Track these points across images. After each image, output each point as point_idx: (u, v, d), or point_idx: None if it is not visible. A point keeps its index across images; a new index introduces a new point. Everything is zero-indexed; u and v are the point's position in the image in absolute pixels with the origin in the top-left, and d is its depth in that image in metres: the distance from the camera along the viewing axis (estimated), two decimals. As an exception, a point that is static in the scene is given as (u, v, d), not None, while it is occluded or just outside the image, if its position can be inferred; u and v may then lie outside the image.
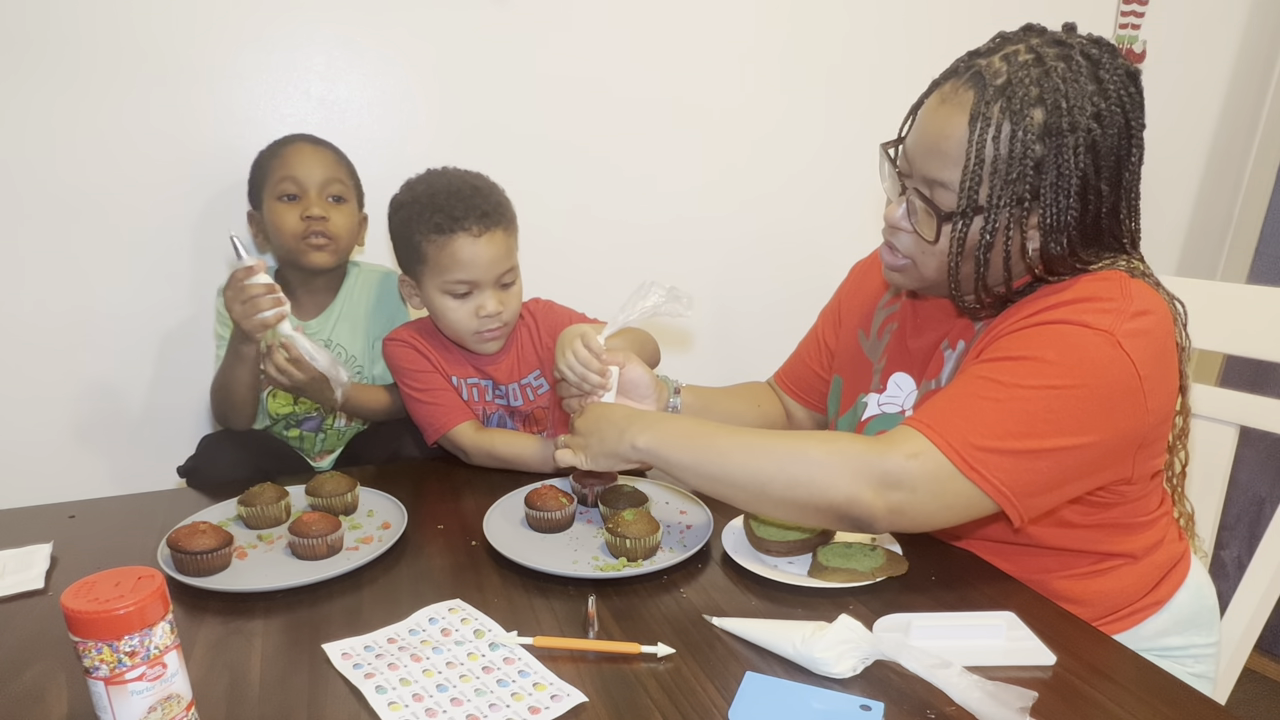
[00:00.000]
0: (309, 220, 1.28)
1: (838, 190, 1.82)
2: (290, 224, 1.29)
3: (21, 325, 1.39)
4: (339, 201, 1.32)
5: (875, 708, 0.66)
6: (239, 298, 1.09)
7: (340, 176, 1.33)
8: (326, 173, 1.31)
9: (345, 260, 1.39)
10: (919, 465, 0.77)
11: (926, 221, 0.85)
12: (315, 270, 1.33)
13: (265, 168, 1.32)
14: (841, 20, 1.73)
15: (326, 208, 1.30)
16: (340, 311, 1.39)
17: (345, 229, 1.33)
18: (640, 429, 0.89)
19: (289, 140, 1.33)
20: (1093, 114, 0.79)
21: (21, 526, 1.01)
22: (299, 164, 1.30)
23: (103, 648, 0.57)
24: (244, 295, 1.08)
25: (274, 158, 1.31)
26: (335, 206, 1.32)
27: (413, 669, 0.72)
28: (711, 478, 0.85)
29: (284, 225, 1.29)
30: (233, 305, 1.10)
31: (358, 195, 1.38)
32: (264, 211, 1.32)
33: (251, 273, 1.07)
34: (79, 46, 1.32)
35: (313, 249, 1.30)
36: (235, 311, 1.10)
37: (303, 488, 1.05)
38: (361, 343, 1.40)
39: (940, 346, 0.96)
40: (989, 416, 0.78)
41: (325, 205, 1.30)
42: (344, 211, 1.33)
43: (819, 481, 0.79)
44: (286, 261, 1.35)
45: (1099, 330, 0.78)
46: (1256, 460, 2.00)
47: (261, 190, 1.32)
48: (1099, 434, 0.79)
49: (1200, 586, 0.98)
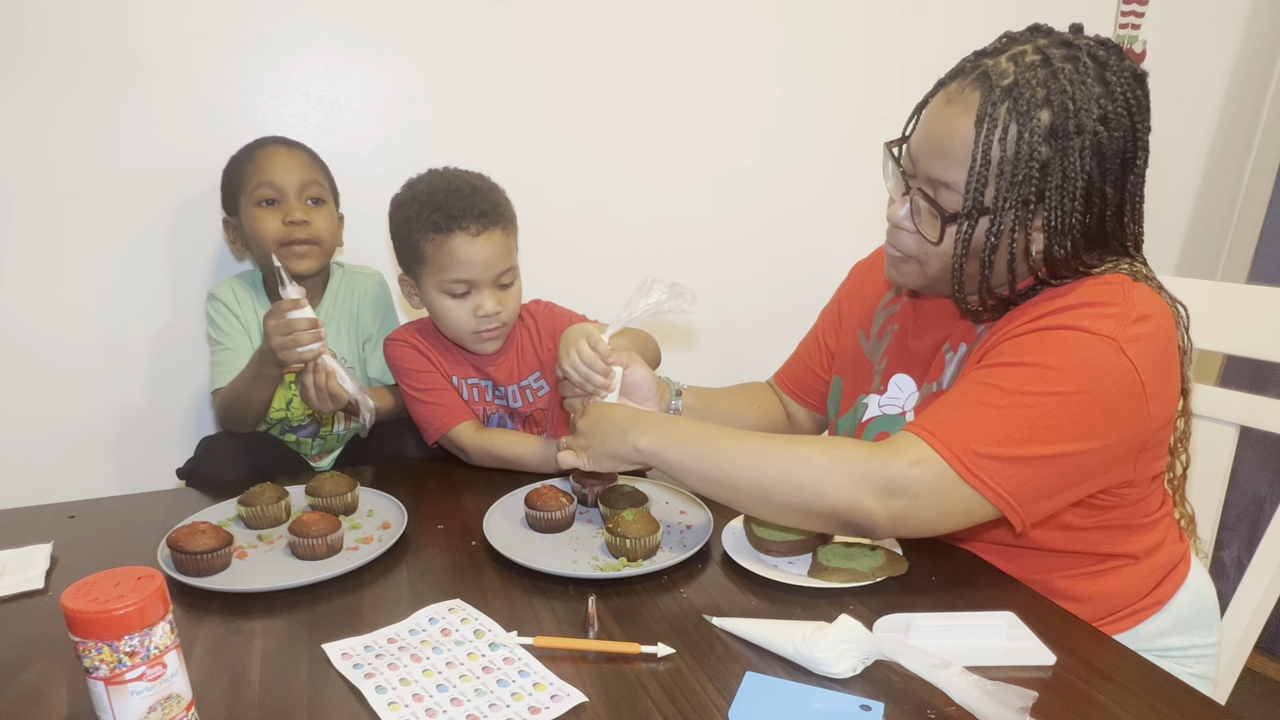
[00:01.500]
0: (291, 225, 1.26)
1: (838, 190, 1.82)
2: (271, 229, 1.26)
3: (22, 325, 1.39)
4: (318, 204, 1.30)
5: (875, 708, 0.66)
6: (281, 330, 1.08)
7: (317, 178, 1.31)
8: (304, 175, 1.29)
9: (328, 263, 1.37)
10: (920, 472, 0.77)
11: (930, 222, 0.85)
12: (299, 276, 1.30)
13: (239, 173, 1.29)
14: (842, 19, 1.73)
15: (307, 211, 1.28)
16: (327, 314, 1.37)
17: (328, 231, 1.31)
18: (643, 431, 0.88)
19: (262, 144, 1.30)
20: (1099, 117, 0.78)
21: (21, 526, 1.01)
22: (276, 168, 1.27)
23: (103, 648, 0.57)
24: (287, 328, 1.08)
25: (248, 162, 1.28)
26: (315, 209, 1.30)
27: (413, 669, 0.72)
28: (714, 482, 0.85)
29: (265, 231, 1.26)
30: (274, 335, 1.09)
31: (334, 195, 1.36)
32: (241, 218, 1.29)
33: (297, 305, 1.07)
34: (77, 47, 1.32)
35: (295, 256, 1.28)
36: (275, 342, 1.09)
37: (303, 488, 1.06)
38: (352, 345, 1.39)
39: (942, 349, 0.96)
40: (991, 423, 0.78)
41: (305, 209, 1.28)
42: (324, 213, 1.31)
43: (821, 488, 0.79)
44: (268, 268, 1.33)
45: (1101, 336, 0.78)
46: (1256, 460, 2.00)
47: (237, 196, 1.29)
48: (1101, 439, 0.78)
49: (1200, 587, 0.98)
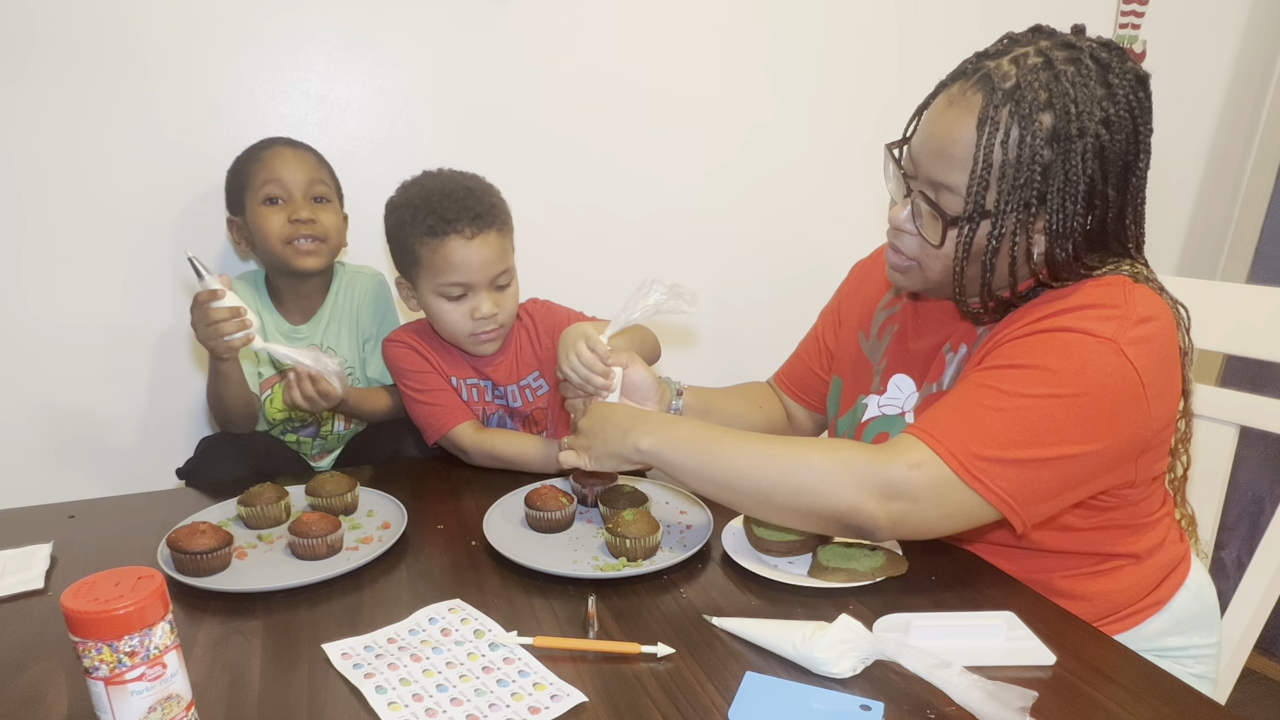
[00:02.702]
0: (297, 224, 1.27)
1: (837, 189, 1.82)
2: (277, 228, 1.27)
3: (22, 325, 1.39)
4: (323, 202, 1.31)
5: (875, 708, 0.66)
6: (203, 321, 1.08)
7: (323, 177, 1.32)
8: (309, 174, 1.30)
9: (333, 261, 1.37)
10: (921, 475, 0.77)
11: (932, 225, 0.85)
12: (304, 274, 1.32)
13: (245, 172, 1.29)
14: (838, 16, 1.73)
15: (313, 209, 1.29)
16: (330, 314, 1.38)
17: (333, 228, 1.32)
18: (644, 431, 0.88)
19: (268, 144, 1.31)
20: (1101, 119, 0.78)
21: (21, 526, 1.01)
22: (282, 167, 1.28)
23: (103, 648, 0.57)
24: (208, 319, 1.07)
25: (254, 161, 1.29)
26: (321, 207, 1.30)
27: (413, 669, 0.72)
28: (715, 483, 0.85)
29: (270, 229, 1.27)
30: (197, 328, 1.09)
31: (339, 195, 1.37)
32: (247, 217, 1.29)
33: (215, 296, 1.06)
34: (77, 48, 1.32)
35: (302, 253, 1.28)
36: (199, 335, 1.09)
37: (303, 488, 1.06)
38: (352, 345, 1.39)
39: (942, 349, 0.96)
40: (992, 425, 0.78)
41: (311, 207, 1.29)
42: (329, 211, 1.32)
43: (822, 490, 0.79)
44: (273, 267, 1.34)
45: (1102, 338, 0.78)
46: (1256, 460, 2.00)
47: (243, 195, 1.29)
48: (1102, 442, 0.78)
49: (1200, 587, 0.98)
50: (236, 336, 1.08)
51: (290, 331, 1.36)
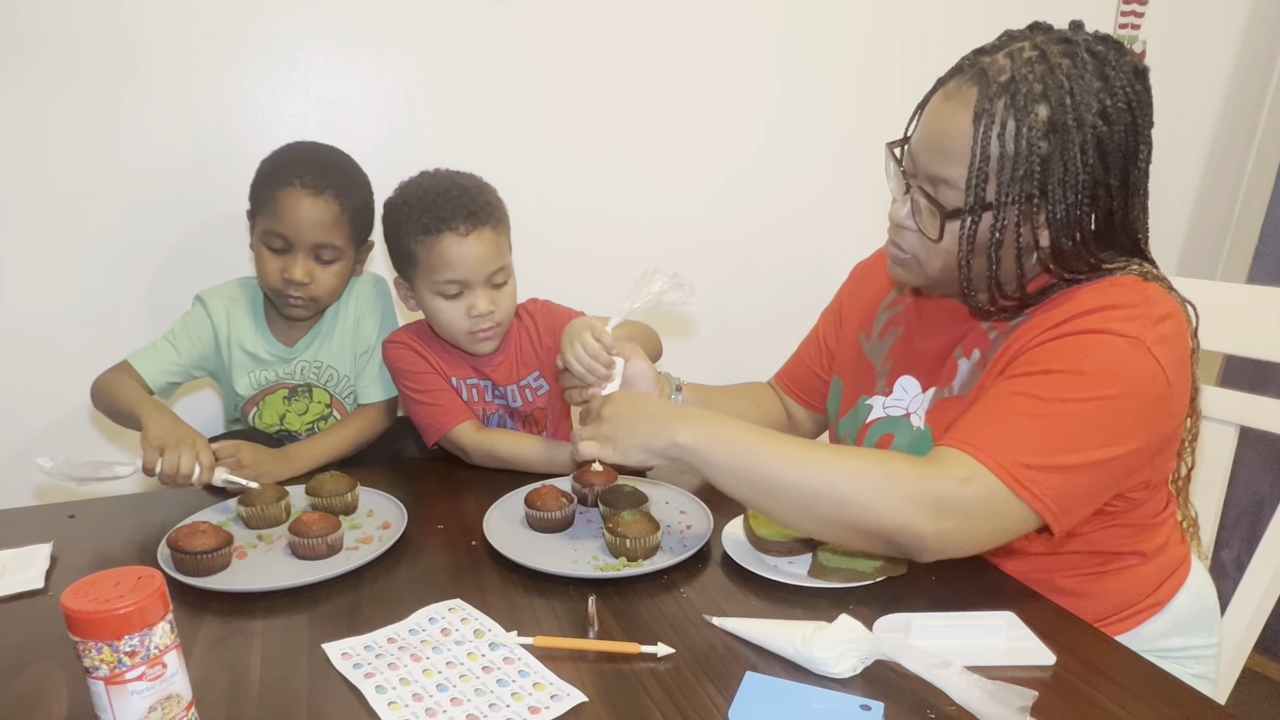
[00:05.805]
0: (288, 283, 1.21)
1: (838, 189, 1.82)
2: (271, 276, 1.22)
3: (21, 325, 1.39)
4: (328, 263, 1.24)
5: (875, 708, 0.66)
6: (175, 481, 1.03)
7: (334, 239, 1.22)
8: (319, 235, 1.21)
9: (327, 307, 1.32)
10: (973, 490, 0.75)
11: (930, 219, 0.85)
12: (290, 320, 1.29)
13: (263, 197, 1.22)
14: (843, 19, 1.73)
15: (311, 269, 1.22)
16: (327, 329, 1.33)
17: (328, 289, 1.25)
18: (683, 425, 0.83)
19: (289, 178, 1.20)
20: (1098, 111, 0.78)
21: (21, 526, 1.01)
22: (293, 212, 1.19)
23: (103, 648, 0.57)
24: (177, 482, 1.03)
25: (273, 188, 1.20)
26: (323, 267, 1.24)
27: (413, 669, 0.72)
28: (753, 486, 0.80)
29: (266, 272, 1.22)
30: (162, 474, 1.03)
31: (357, 241, 1.28)
32: (253, 236, 1.25)
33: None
34: (76, 46, 1.31)
35: (290, 305, 1.24)
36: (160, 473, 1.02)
37: (303, 488, 1.06)
38: (350, 356, 1.34)
39: (953, 352, 0.95)
40: (1033, 433, 0.76)
41: (311, 266, 1.22)
42: (332, 271, 1.25)
43: (872, 505, 0.76)
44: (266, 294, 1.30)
45: (1128, 338, 0.77)
46: (1256, 460, 2.00)
47: (256, 213, 1.24)
48: (1135, 441, 0.78)
49: (1201, 588, 0.98)
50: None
51: (285, 354, 1.31)
